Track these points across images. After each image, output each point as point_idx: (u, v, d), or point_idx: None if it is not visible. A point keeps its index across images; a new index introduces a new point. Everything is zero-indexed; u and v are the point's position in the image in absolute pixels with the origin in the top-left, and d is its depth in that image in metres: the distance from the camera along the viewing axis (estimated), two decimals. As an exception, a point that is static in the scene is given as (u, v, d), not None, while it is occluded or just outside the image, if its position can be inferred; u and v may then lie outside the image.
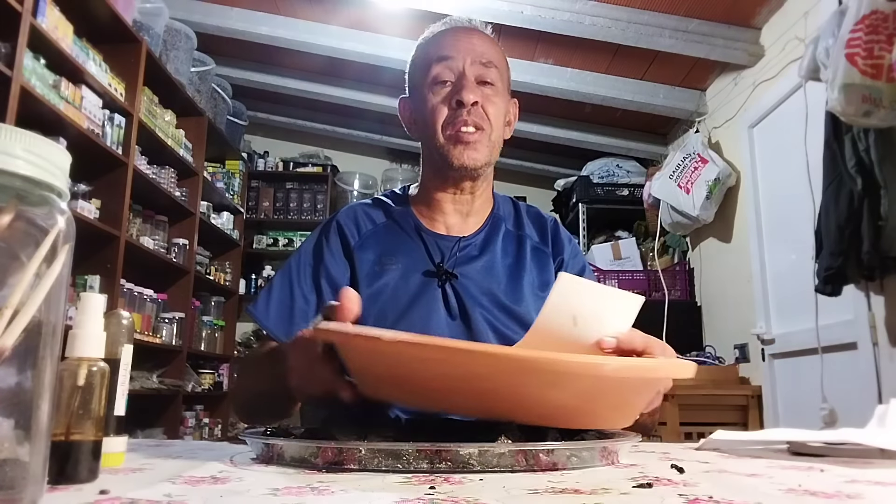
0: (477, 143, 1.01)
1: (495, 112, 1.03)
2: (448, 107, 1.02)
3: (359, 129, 4.75)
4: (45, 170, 0.37)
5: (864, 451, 0.64)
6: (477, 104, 1.01)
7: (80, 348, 0.48)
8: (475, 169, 1.02)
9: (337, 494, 0.43)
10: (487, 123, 1.02)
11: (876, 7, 1.86)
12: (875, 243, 2.02)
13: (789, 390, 2.84)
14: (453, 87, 1.02)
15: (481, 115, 1.02)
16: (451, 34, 1.07)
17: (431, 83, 1.03)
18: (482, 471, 0.52)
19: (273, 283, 1.05)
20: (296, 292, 1.02)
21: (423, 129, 1.06)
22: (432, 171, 1.08)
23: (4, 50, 2.21)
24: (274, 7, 3.46)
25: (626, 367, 0.56)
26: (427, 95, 1.04)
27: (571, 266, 1.11)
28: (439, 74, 1.03)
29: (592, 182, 4.12)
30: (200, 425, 3.90)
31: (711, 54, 3.14)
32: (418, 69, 1.08)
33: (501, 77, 1.06)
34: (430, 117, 1.03)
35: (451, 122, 1.01)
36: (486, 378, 0.53)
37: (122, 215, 2.89)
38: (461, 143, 1.01)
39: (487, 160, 1.04)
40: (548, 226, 1.14)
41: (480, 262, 1.04)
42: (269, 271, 4.76)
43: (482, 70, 1.03)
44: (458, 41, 1.05)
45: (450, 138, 1.01)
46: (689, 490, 0.44)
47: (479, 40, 1.05)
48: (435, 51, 1.05)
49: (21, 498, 0.35)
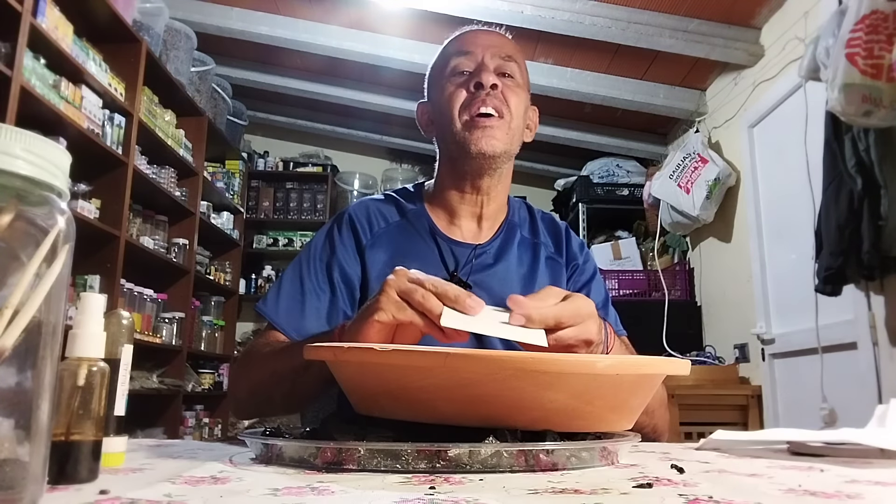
0: (496, 130, 0.97)
1: (516, 101, 1.00)
2: (466, 90, 0.99)
3: (359, 129, 4.75)
4: (45, 170, 0.37)
5: (864, 451, 0.64)
6: (497, 87, 0.98)
7: (80, 348, 0.48)
8: (493, 157, 0.98)
9: (337, 494, 0.43)
10: (507, 110, 0.99)
11: (876, 7, 1.86)
12: (875, 243, 2.02)
13: (789, 390, 2.84)
14: (472, 73, 1.00)
15: (501, 99, 0.99)
16: (471, 33, 1.07)
17: (450, 74, 1.02)
18: (482, 471, 0.51)
19: (283, 279, 1.02)
20: (307, 287, 1.00)
21: (440, 120, 1.03)
22: (448, 169, 1.05)
23: (4, 50, 2.21)
24: (274, 7, 3.46)
25: (620, 363, 0.56)
26: (445, 85, 1.02)
27: (584, 272, 1.10)
28: (458, 65, 1.01)
29: (592, 182, 4.12)
30: (200, 425, 3.91)
31: (711, 54, 3.14)
32: (437, 68, 1.07)
33: (521, 74, 1.04)
34: (447, 104, 1.00)
35: (469, 104, 0.98)
36: (480, 384, 0.53)
37: (122, 215, 2.89)
38: (478, 129, 0.97)
39: (506, 149, 0.99)
40: (562, 234, 1.12)
41: (495, 271, 1.03)
42: (270, 271, 4.76)
43: (502, 63, 1.01)
44: (477, 37, 1.04)
45: (467, 124, 0.98)
46: (689, 490, 0.44)
47: (499, 38, 1.05)
48: (454, 47, 1.05)
49: (21, 498, 0.35)
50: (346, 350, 0.58)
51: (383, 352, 0.54)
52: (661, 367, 0.60)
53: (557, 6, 2.99)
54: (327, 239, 1.05)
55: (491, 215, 1.07)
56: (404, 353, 0.54)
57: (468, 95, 0.99)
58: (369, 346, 0.55)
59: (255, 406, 0.97)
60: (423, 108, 1.11)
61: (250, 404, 0.97)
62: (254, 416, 1.01)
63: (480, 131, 0.97)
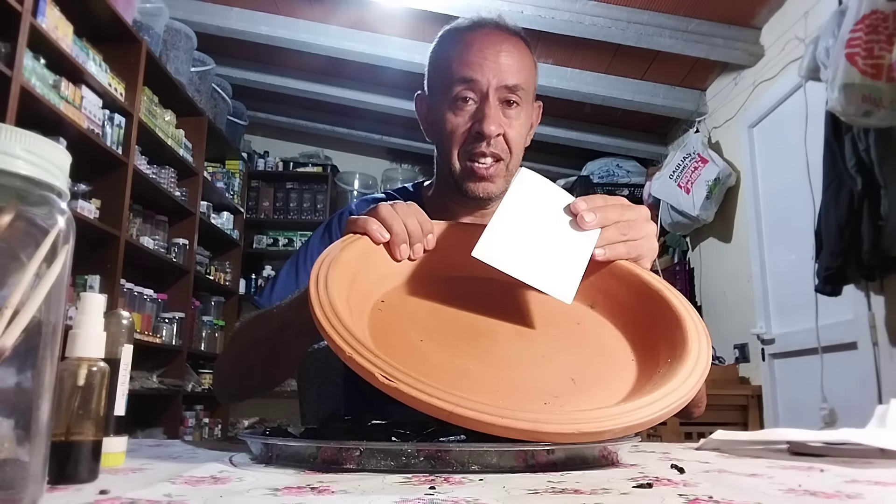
0: (494, 176, 0.97)
1: (517, 137, 0.98)
2: (468, 132, 0.96)
3: (359, 129, 4.75)
4: (45, 170, 0.37)
5: (864, 451, 0.64)
6: (500, 135, 0.95)
7: (80, 348, 0.48)
8: (489, 200, 0.99)
9: (337, 494, 0.43)
10: (507, 153, 0.97)
11: (876, 7, 1.86)
12: (875, 243, 2.02)
13: (789, 390, 2.84)
14: (476, 110, 0.96)
15: (502, 145, 0.96)
16: (477, 46, 0.97)
17: (453, 101, 0.97)
18: (482, 471, 0.51)
19: (279, 274, 1.04)
20: (301, 279, 1.00)
21: (439, 144, 1.01)
22: (445, 182, 1.04)
23: (4, 50, 2.21)
24: (274, 7, 3.46)
25: (627, 426, 0.53)
26: (447, 114, 0.97)
27: None
28: (461, 93, 0.96)
29: (592, 182, 4.12)
30: (200, 425, 3.91)
31: (711, 54, 3.14)
32: (439, 78, 1.01)
33: (528, 92, 0.99)
34: (447, 139, 0.98)
35: (469, 151, 0.96)
36: None
37: (122, 215, 2.89)
38: (476, 177, 0.97)
39: (502, 189, 0.98)
40: None
41: None
42: (270, 271, 4.76)
43: (507, 93, 0.96)
44: (484, 59, 0.96)
45: (466, 169, 0.97)
46: (689, 490, 0.44)
47: (506, 56, 0.97)
48: (458, 67, 0.97)
49: (21, 498, 0.35)
50: (348, 358, 0.56)
51: (387, 385, 0.53)
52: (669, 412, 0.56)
53: (557, 6, 2.99)
54: (325, 233, 1.06)
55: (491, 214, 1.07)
56: (405, 396, 0.52)
57: (469, 139, 0.96)
58: (371, 371, 0.54)
59: (237, 378, 0.96)
60: (423, 102, 1.08)
61: (233, 377, 0.97)
62: (235, 390, 1.00)
63: (478, 181, 0.97)
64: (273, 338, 0.84)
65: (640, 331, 0.70)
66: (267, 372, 0.91)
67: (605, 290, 0.74)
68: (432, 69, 1.05)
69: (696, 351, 0.63)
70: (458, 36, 1.01)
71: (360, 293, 0.64)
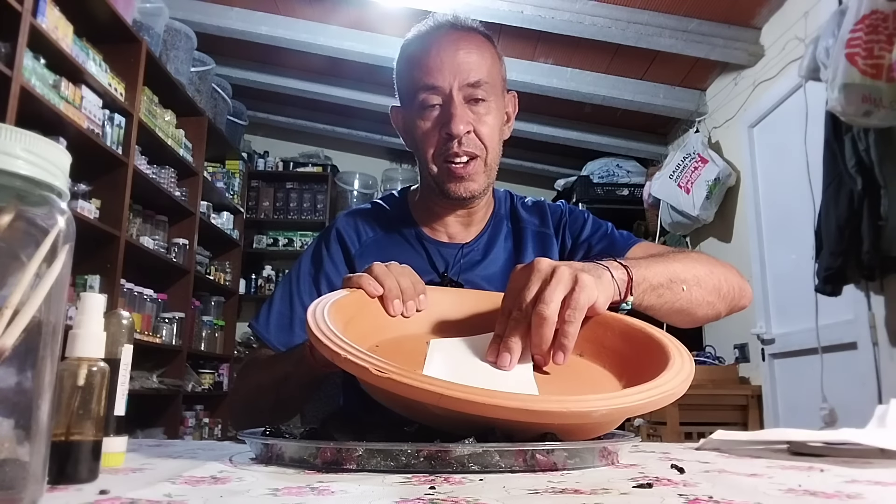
0: (472, 174, 0.98)
1: (489, 132, 0.98)
2: (438, 135, 0.97)
3: (359, 129, 4.76)
4: (45, 170, 0.37)
5: (864, 451, 0.64)
6: (469, 132, 0.96)
7: (80, 348, 0.48)
8: (473, 197, 1.00)
9: (337, 495, 0.43)
10: (481, 149, 0.97)
11: (876, 7, 1.86)
12: (875, 243, 2.03)
13: (789, 390, 2.84)
14: (441, 112, 0.96)
15: (475, 142, 0.97)
16: (434, 50, 0.97)
17: (420, 108, 0.98)
18: (482, 471, 0.51)
19: (274, 297, 1.05)
20: (295, 302, 1.02)
21: (416, 151, 1.03)
22: (429, 186, 1.05)
23: (4, 50, 2.21)
24: (274, 7, 3.46)
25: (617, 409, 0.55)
26: (417, 121, 0.99)
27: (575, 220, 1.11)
28: (426, 100, 0.97)
29: (592, 182, 4.12)
30: (200, 425, 3.91)
31: (711, 54, 3.14)
32: (405, 88, 1.02)
33: (493, 86, 0.99)
34: (421, 145, 1.00)
35: (443, 153, 0.97)
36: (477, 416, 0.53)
37: (122, 215, 2.89)
38: (455, 178, 0.97)
39: (484, 186, 1.00)
40: (545, 209, 1.13)
41: (483, 265, 1.04)
42: (269, 271, 4.76)
43: (471, 90, 0.96)
44: (442, 62, 0.96)
45: (443, 171, 0.98)
46: (689, 490, 0.44)
47: (465, 53, 0.97)
48: (420, 75, 0.97)
49: (21, 498, 0.35)
50: (343, 360, 0.58)
51: (378, 377, 0.54)
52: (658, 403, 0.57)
53: (557, 6, 2.99)
54: (314, 256, 1.08)
55: (478, 219, 1.09)
56: (397, 384, 0.54)
57: (440, 141, 0.97)
58: (365, 366, 0.55)
59: (248, 417, 1.00)
60: (398, 114, 1.08)
61: (244, 416, 1.01)
62: (249, 426, 1.03)
63: (457, 181, 0.98)
64: (277, 388, 0.89)
65: (627, 366, 0.72)
66: (275, 414, 0.94)
67: (592, 338, 0.75)
68: (399, 81, 1.05)
69: (679, 362, 0.65)
70: (416, 43, 1.02)
71: (356, 335, 0.65)
